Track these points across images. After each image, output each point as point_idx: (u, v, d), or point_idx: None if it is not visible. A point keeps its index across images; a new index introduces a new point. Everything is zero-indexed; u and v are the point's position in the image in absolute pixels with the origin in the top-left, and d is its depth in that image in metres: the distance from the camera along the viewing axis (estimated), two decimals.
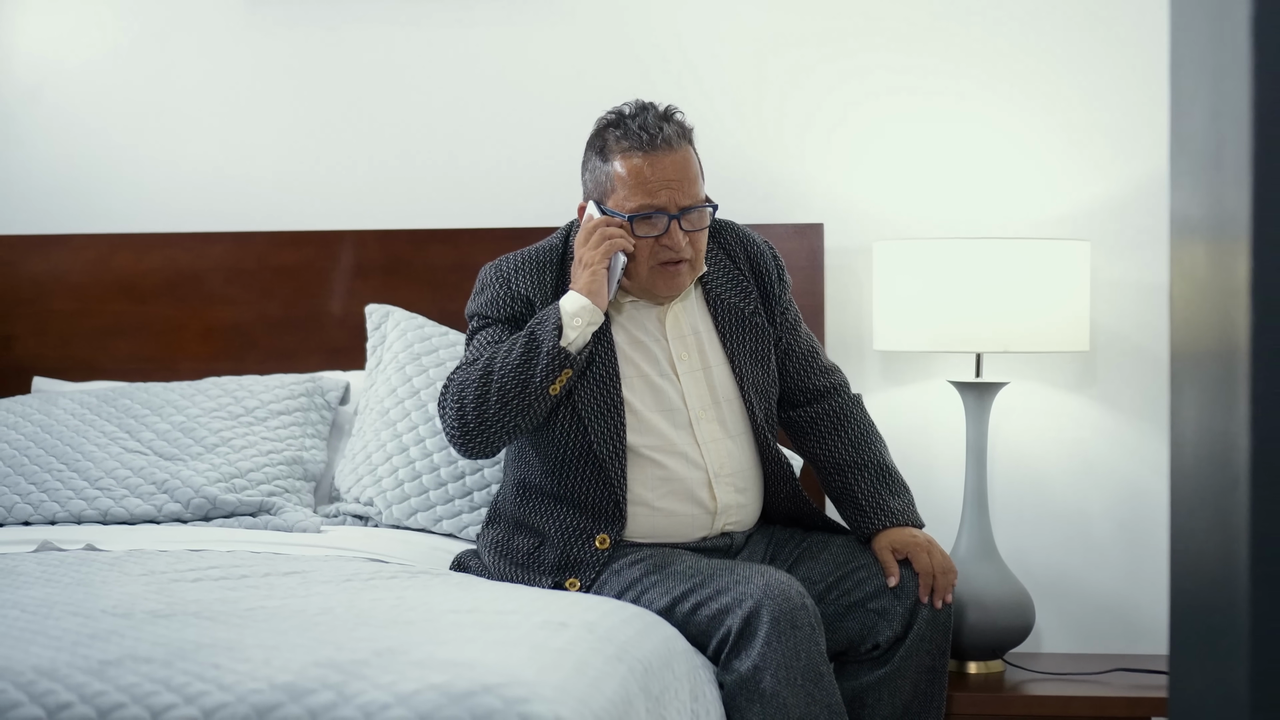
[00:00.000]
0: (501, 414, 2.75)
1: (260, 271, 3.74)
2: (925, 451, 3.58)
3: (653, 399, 2.87)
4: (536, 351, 2.74)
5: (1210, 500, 1.37)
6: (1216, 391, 1.35)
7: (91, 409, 3.42)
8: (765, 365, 2.96)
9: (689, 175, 2.83)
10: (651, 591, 2.72)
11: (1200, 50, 1.40)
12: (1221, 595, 1.34)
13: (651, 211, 2.81)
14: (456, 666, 1.89)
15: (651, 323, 2.91)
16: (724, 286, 2.97)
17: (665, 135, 2.81)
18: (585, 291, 2.77)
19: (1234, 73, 1.29)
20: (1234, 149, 1.30)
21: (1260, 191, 1.25)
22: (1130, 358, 3.54)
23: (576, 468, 2.83)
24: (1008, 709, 3.12)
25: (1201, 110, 1.41)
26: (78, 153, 3.88)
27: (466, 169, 3.75)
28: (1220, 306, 1.34)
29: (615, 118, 2.86)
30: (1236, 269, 1.28)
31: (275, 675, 1.87)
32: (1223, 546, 1.33)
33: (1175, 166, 1.52)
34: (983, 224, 3.56)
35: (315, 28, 3.79)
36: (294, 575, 2.62)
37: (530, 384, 2.74)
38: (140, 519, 3.19)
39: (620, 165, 2.82)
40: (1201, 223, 1.42)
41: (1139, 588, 3.53)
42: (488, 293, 2.90)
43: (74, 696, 1.84)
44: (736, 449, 2.91)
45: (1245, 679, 1.26)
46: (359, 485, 3.27)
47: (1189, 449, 1.45)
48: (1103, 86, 3.55)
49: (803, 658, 2.57)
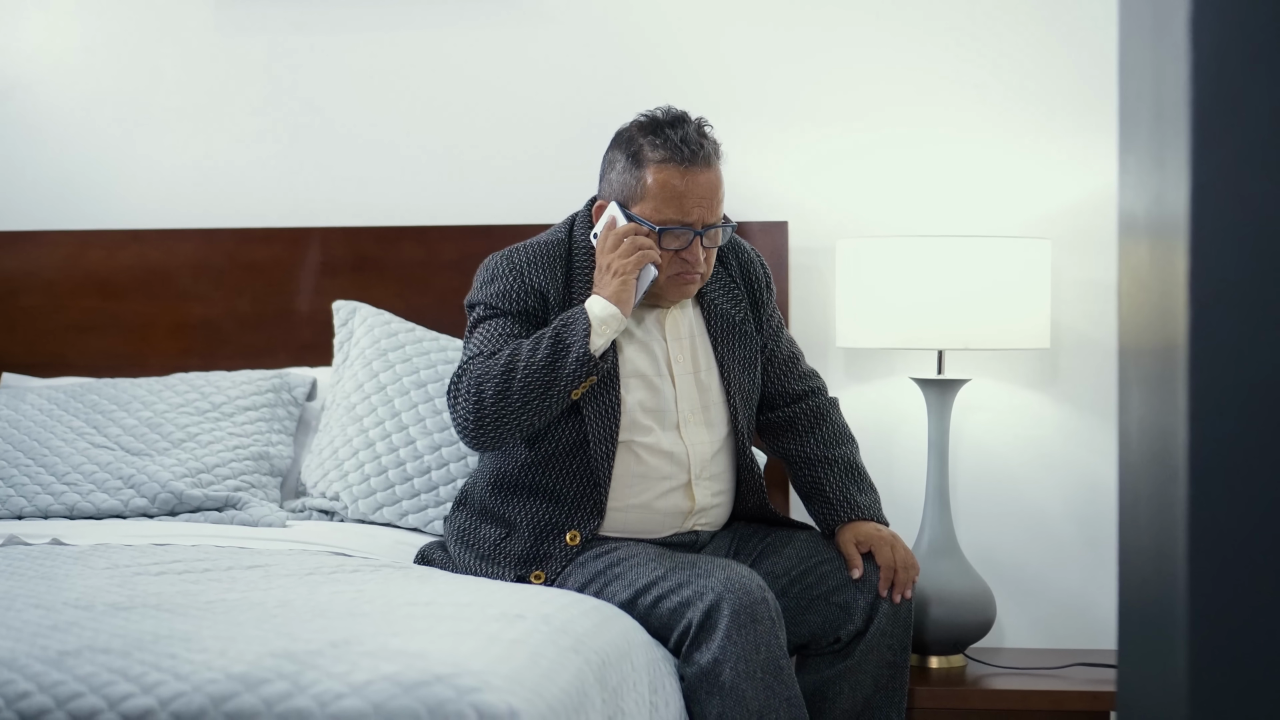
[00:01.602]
0: (521, 411, 2.75)
1: (230, 268, 3.74)
2: (888, 448, 3.60)
3: (648, 398, 2.89)
4: (564, 355, 2.73)
5: (1153, 495, 1.39)
6: (1158, 387, 1.37)
7: (59, 404, 3.42)
8: (751, 372, 2.99)
9: (719, 195, 2.85)
10: (614, 584, 2.73)
11: (1144, 54, 1.42)
12: (1162, 589, 1.36)
13: (680, 227, 2.82)
14: (408, 656, 1.91)
15: (652, 324, 2.93)
16: (718, 294, 2.99)
17: (705, 153, 2.82)
18: (614, 299, 2.76)
19: (1173, 75, 1.31)
20: (1174, 150, 1.32)
21: (1197, 191, 1.28)
22: (1090, 355, 3.56)
23: (565, 462, 2.85)
24: (968, 703, 3.14)
25: (1145, 113, 1.43)
26: (49, 150, 3.88)
27: (435, 166, 3.77)
28: (1161, 303, 1.36)
29: (650, 123, 2.84)
30: (1176, 266, 1.30)
31: (230, 665, 1.89)
32: (1163, 540, 1.35)
33: (1123, 167, 1.55)
34: (945, 223, 3.59)
35: (284, 27, 3.80)
36: (256, 569, 2.64)
37: (555, 386, 2.74)
38: (107, 514, 3.20)
39: (653, 175, 2.81)
40: (1145, 222, 1.44)
41: (1098, 583, 3.56)
42: (499, 283, 2.87)
43: (32, 686, 1.86)
44: (718, 452, 2.93)
45: (1184, 671, 1.28)
46: (325, 480, 3.28)
47: (1134, 444, 1.47)
48: (1064, 88, 3.57)
49: (762, 651, 2.59)
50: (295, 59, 3.81)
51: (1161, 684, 1.37)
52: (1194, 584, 1.28)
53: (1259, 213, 1.26)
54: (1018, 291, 3.26)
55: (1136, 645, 1.51)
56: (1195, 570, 1.28)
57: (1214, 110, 1.27)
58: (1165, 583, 1.35)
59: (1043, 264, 3.30)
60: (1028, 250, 3.28)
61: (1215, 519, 1.27)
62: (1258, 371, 1.26)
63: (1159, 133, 1.38)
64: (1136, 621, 1.50)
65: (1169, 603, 1.33)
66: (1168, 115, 1.34)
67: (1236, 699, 1.27)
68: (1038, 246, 3.30)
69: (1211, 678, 1.27)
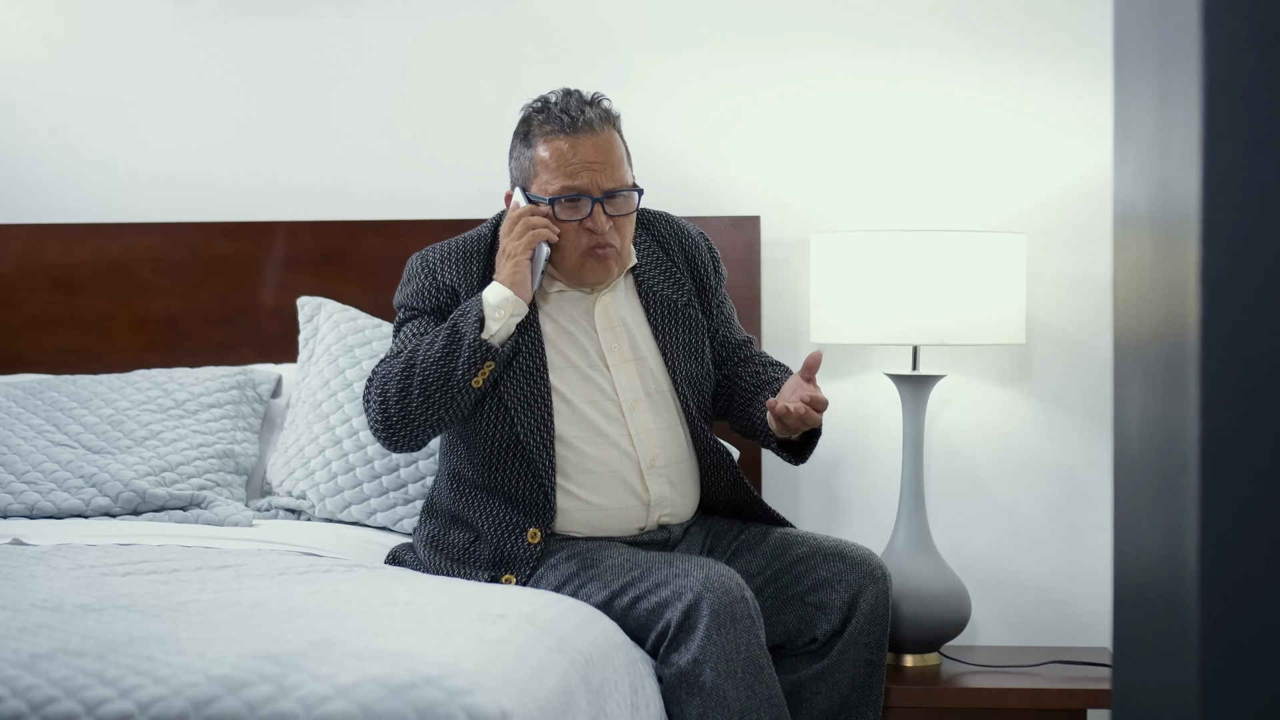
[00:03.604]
0: (424, 407, 2.73)
1: (192, 263, 3.69)
2: (862, 444, 3.58)
3: (583, 389, 2.85)
4: (458, 344, 2.71)
5: (1156, 487, 1.37)
6: (1162, 379, 1.35)
7: (18, 401, 3.37)
8: (699, 357, 2.95)
9: (612, 158, 2.81)
10: (589, 586, 2.70)
11: (1146, 34, 1.40)
12: (1168, 583, 1.33)
13: (574, 194, 2.79)
14: (394, 657, 1.87)
15: (580, 314, 2.89)
16: (656, 278, 2.95)
17: (587, 118, 2.79)
18: (508, 283, 2.75)
19: (1182, 56, 1.28)
20: (1182, 136, 1.29)
21: (1209, 178, 1.25)
22: (1066, 351, 3.55)
23: (504, 460, 2.81)
24: (944, 701, 3.12)
25: (1148, 96, 1.40)
26: (7, 143, 3.82)
27: (402, 159, 3.72)
28: (1167, 295, 1.33)
29: (540, 104, 2.84)
30: (1185, 256, 1.28)
31: (211, 668, 1.83)
32: (1169, 534, 1.32)
33: (1120, 154, 1.52)
34: (920, 217, 3.57)
35: (246, 18, 3.75)
36: (226, 569, 2.59)
37: (452, 377, 2.71)
38: (68, 513, 3.14)
39: (543, 148, 2.80)
40: (1147, 211, 1.41)
41: (1074, 580, 3.54)
42: (414, 283, 2.87)
43: (5, 690, 1.80)
44: (670, 440, 2.89)
45: (1194, 667, 1.26)
46: (291, 479, 3.23)
47: (1133, 437, 1.45)
48: (1040, 81, 3.56)
49: (743, 650, 2.56)
50: (258, 50, 3.75)
51: (1167, 680, 1.35)
52: (1205, 578, 1.26)
53: (1273, 199, 1.24)
54: (993, 287, 3.24)
55: (1137, 643, 1.48)
56: (1207, 563, 1.26)
57: (1227, 94, 1.24)
58: (1172, 577, 1.32)
59: (1018, 259, 3.28)
60: (1003, 245, 3.26)
61: (1228, 510, 1.25)
62: (1272, 361, 1.24)
63: (1164, 119, 1.35)
64: (1136, 618, 1.48)
65: (1177, 597, 1.31)
66: (1175, 100, 1.32)
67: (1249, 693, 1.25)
68: (1013, 241, 3.28)
69: (1224, 673, 1.25)
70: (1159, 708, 1.38)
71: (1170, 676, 1.33)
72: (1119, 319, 1.51)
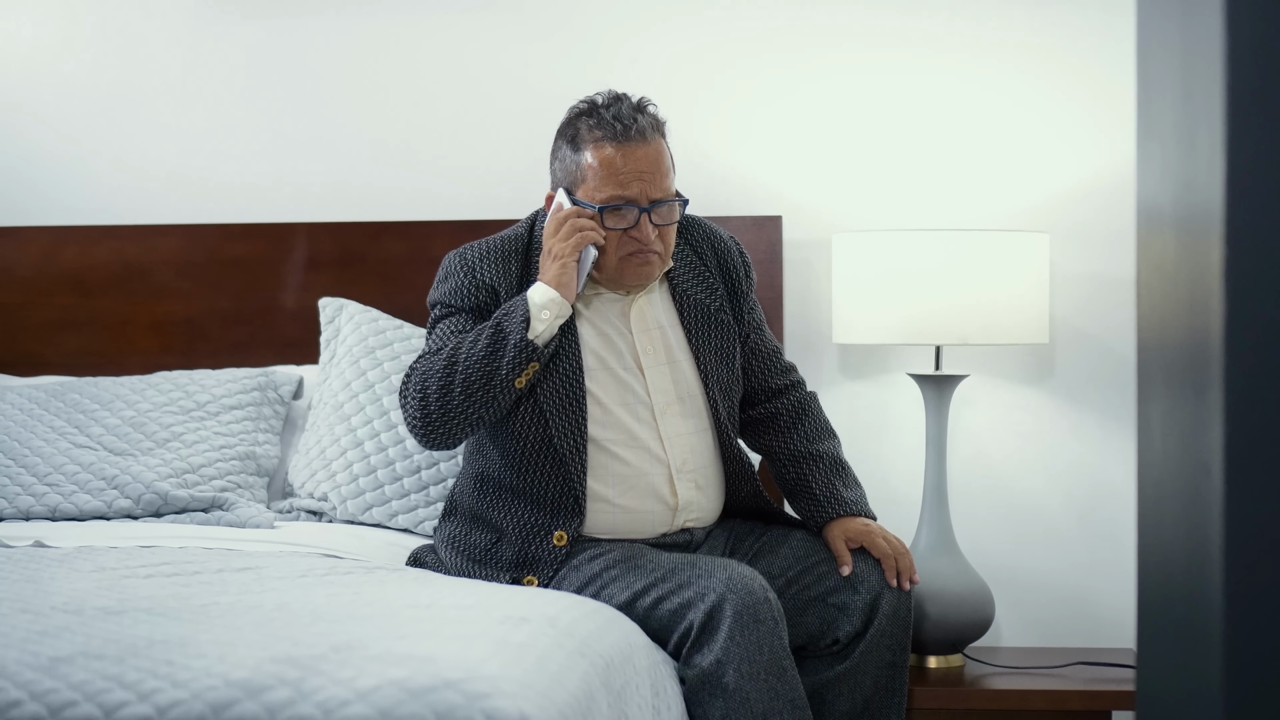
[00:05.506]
0: (465, 405, 2.72)
1: (211, 264, 3.69)
2: (884, 445, 3.57)
3: (617, 392, 2.84)
4: (503, 343, 2.71)
5: (1180, 488, 1.36)
6: (1186, 380, 1.34)
7: (39, 404, 3.37)
8: (730, 363, 2.94)
9: (661, 168, 2.80)
10: (611, 586, 2.69)
11: (1170, 31, 1.38)
12: (1193, 584, 1.32)
13: (622, 203, 2.78)
14: (415, 661, 1.86)
15: (616, 315, 2.89)
16: (690, 283, 2.94)
17: (639, 126, 2.78)
18: (554, 284, 2.73)
19: (1206, 53, 1.27)
20: (1206, 134, 1.28)
21: (1233, 177, 1.24)
22: (1089, 350, 3.53)
23: (536, 461, 2.80)
24: (967, 703, 3.11)
25: (1171, 93, 1.39)
26: (25, 145, 3.82)
27: (421, 161, 3.72)
28: (1191, 295, 1.32)
29: (588, 106, 2.82)
30: (1209, 257, 1.27)
31: (230, 671, 1.83)
32: (1194, 535, 1.32)
33: (1143, 153, 1.50)
34: (942, 216, 3.55)
35: (266, 20, 3.75)
36: (248, 571, 2.59)
37: (496, 376, 2.71)
38: (90, 515, 3.14)
39: (592, 155, 2.78)
40: (1171, 211, 1.40)
41: (1098, 581, 3.52)
42: (451, 281, 2.86)
43: (24, 694, 1.80)
44: (699, 445, 2.89)
45: (1218, 669, 1.25)
46: (313, 480, 3.23)
47: (1157, 438, 1.44)
48: (1062, 79, 3.54)
49: (766, 652, 2.55)
50: (277, 51, 3.75)
51: (1192, 685, 1.34)
52: (1230, 579, 1.25)
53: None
54: (1016, 286, 3.23)
55: (1161, 644, 1.47)
56: (1231, 564, 1.25)
57: (1251, 93, 1.23)
58: (1197, 578, 1.31)
59: (1041, 258, 3.26)
60: (1026, 244, 3.25)
61: (1253, 511, 1.24)
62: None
63: (1188, 116, 1.34)
64: (1161, 620, 1.47)
65: (1201, 598, 1.30)
66: (1198, 98, 1.30)
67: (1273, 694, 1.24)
68: (1036, 240, 3.26)
69: (1248, 674, 1.25)
70: (1183, 709, 1.37)
71: (1194, 677, 1.33)
72: (1143, 319, 1.50)
